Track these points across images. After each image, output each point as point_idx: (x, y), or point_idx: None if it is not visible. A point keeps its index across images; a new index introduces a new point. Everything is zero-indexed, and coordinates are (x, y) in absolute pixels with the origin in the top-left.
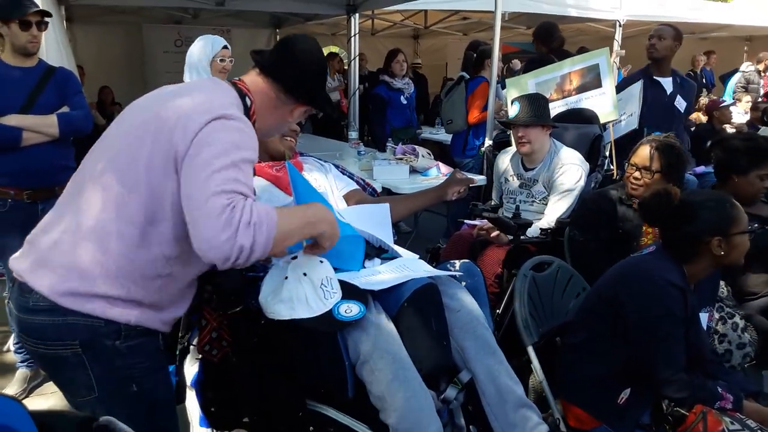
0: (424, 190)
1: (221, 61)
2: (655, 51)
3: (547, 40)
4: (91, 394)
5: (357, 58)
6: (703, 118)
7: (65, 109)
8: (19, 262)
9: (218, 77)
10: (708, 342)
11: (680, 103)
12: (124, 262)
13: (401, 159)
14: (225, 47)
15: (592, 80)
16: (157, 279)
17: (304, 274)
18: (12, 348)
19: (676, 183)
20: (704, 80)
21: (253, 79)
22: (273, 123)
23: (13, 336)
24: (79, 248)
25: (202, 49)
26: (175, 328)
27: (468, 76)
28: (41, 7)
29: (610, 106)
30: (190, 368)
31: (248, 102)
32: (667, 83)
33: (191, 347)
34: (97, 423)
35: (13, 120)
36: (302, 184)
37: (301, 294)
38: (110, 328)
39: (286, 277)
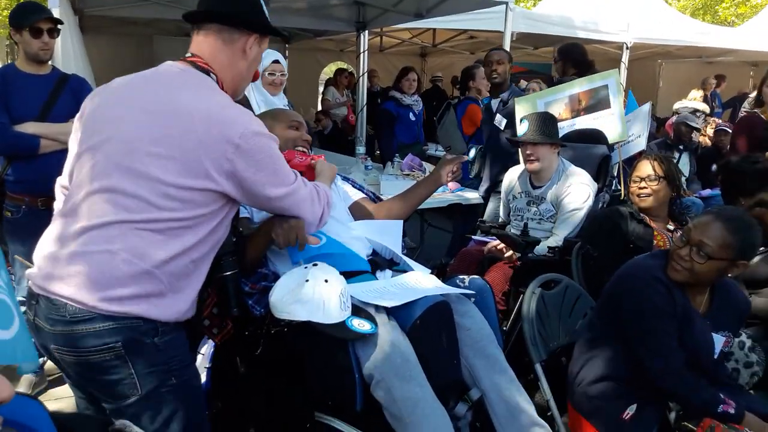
0: (418, 181)
1: (270, 75)
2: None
3: (579, 63)
4: (135, 393)
5: (365, 75)
6: (708, 142)
7: None
8: (43, 279)
9: (267, 90)
10: (711, 350)
11: (499, 121)
12: (161, 256)
13: (408, 174)
14: (276, 61)
15: (601, 101)
16: (190, 264)
17: (326, 281)
18: None
19: (678, 189)
20: (714, 104)
21: (199, 44)
22: (237, 75)
23: None
24: (112, 255)
25: None
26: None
27: (453, 102)
28: (55, 15)
29: (619, 127)
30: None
31: (213, 77)
32: (495, 104)
33: (199, 356)
34: (112, 426)
35: (30, 128)
36: None
37: (319, 299)
38: (148, 326)
39: (308, 280)
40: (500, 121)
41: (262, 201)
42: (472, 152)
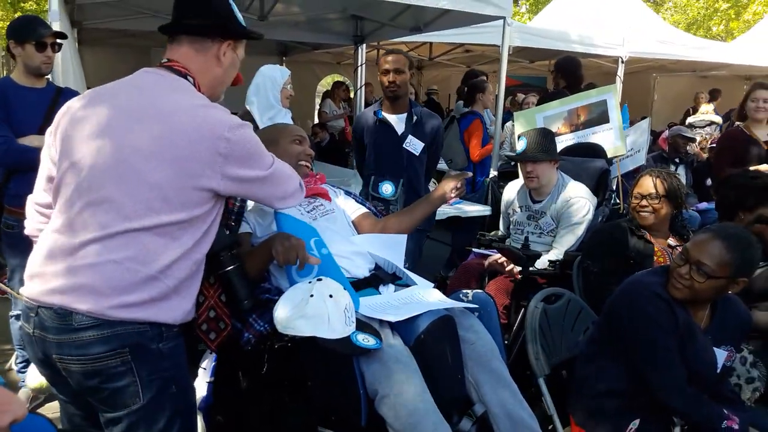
0: (423, 197)
1: (291, 87)
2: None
3: (569, 76)
4: (136, 402)
5: (363, 88)
6: (703, 155)
7: None
8: (45, 294)
9: (285, 103)
10: (713, 365)
11: (413, 144)
12: (164, 261)
13: None
14: (289, 75)
15: (599, 116)
16: (192, 265)
17: (330, 296)
18: (15, 367)
19: (680, 206)
20: None
21: (173, 52)
22: (214, 79)
23: (15, 355)
24: (116, 264)
25: (278, 75)
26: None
27: (458, 115)
28: (58, 29)
29: (618, 141)
30: (199, 391)
31: (191, 80)
32: (399, 120)
33: (201, 370)
34: None
35: (35, 141)
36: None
37: (324, 314)
38: (154, 332)
39: (312, 296)
40: (414, 145)
41: (252, 188)
42: (389, 188)
